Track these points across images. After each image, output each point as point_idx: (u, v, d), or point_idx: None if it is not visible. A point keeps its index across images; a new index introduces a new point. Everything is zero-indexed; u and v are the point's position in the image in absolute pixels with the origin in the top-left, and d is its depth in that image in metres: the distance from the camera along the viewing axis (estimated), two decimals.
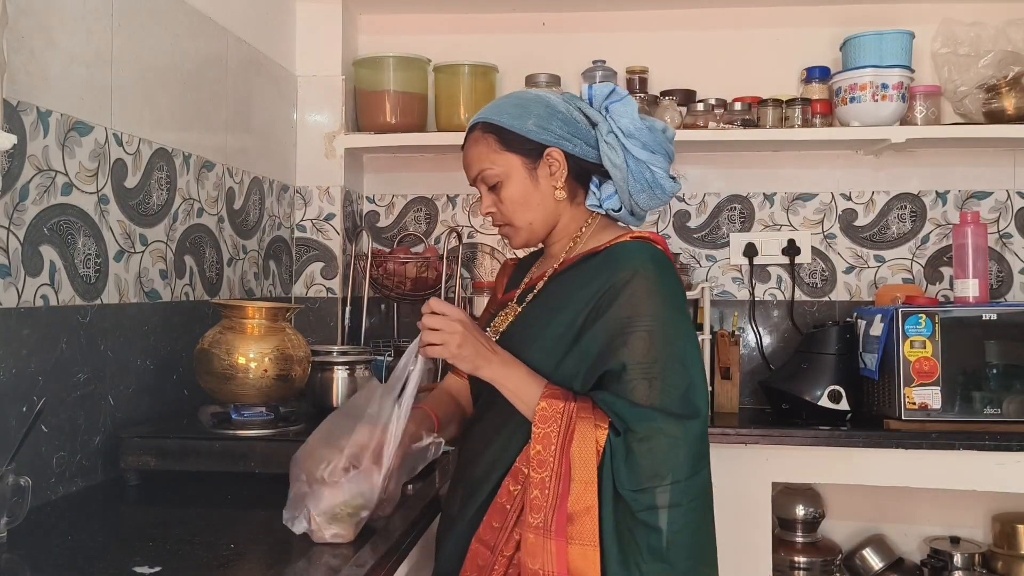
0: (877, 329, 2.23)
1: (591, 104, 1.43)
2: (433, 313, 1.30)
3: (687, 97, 2.60)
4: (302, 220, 2.56)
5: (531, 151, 1.39)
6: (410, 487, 1.50)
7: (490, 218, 1.45)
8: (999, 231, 2.64)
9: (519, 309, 1.44)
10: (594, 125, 1.41)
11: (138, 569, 1.08)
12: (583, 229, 1.45)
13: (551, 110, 1.40)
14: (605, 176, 1.43)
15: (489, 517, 1.30)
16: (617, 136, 1.38)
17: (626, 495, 1.23)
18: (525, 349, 1.35)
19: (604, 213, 1.46)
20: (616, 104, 1.39)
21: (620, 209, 1.44)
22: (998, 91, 2.46)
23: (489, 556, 1.28)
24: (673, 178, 1.42)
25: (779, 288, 2.70)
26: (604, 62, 2.65)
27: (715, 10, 2.70)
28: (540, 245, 1.51)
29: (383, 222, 2.84)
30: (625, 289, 1.30)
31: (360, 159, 2.78)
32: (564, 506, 1.22)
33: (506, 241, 1.48)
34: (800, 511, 2.51)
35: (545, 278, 1.44)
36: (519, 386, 1.30)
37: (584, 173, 1.43)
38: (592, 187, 1.45)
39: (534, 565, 1.21)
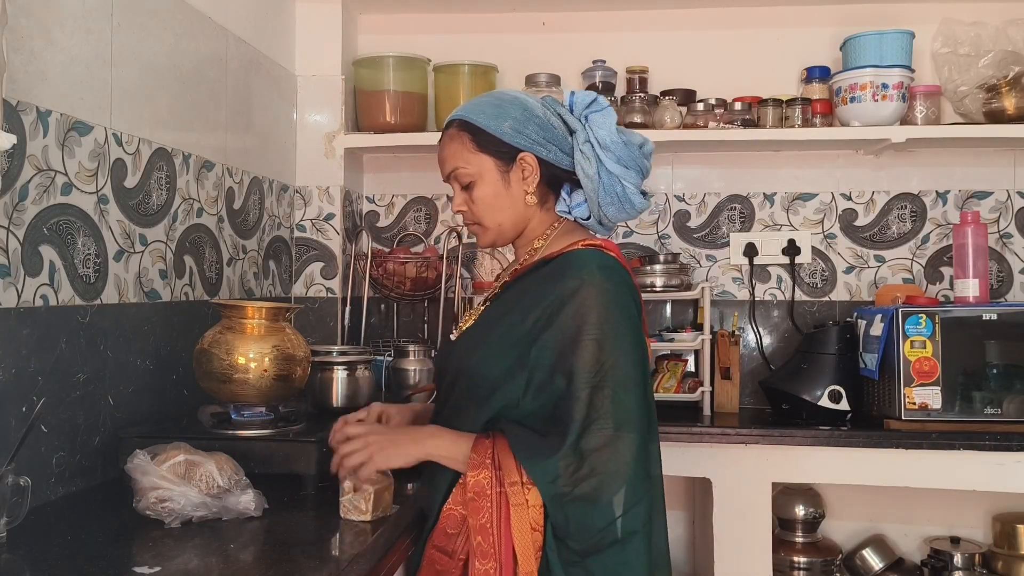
0: (877, 329, 2.23)
1: (571, 111, 1.41)
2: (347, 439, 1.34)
3: (687, 97, 2.60)
4: (302, 220, 2.56)
5: (505, 154, 1.39)
6: (409, 486, 1.51)
7: (460, 216, 1.46)
8: (999, 231, 2.64)
9: (481, 310, 1.45)
10: (572, 132, 1.40)
11: (138, 569, 1.08)
12: (547, 233, 1.44)
13: (528, 114, 1.38)
14: (577, 184, 1.42)
15: (443, 523, 1.32)
16: (593, 147, 1.37)
17: (581, 548, 1.24)
18: (472, 352, 1.38)
19: (573, 219, 1.46)
20: (596, 114, 1.38)
21: (588, 218, 1.44)
22: (998, 91, 2.46)
23: (448, 561, 1.30)
24: (644, 193, 1.42)
25: (779, 288, 2.70)
26: (604, 62, 2.65)
27: (715, 10, 2.70)
28: (510, 246, 1.51)
29: (383, 222, 2.84)
30: (573, 299, 1.29)
31: (360, 159, 2.78)
32: None
33: (474, 238, 1.49)
34: (800, 511, 2.51)
35: (506, 280, 1.46)
36: (449, 452, 1.31)
37: (556, 179, 1.42)
38: (563, 193, 1.44)
39: None
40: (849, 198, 2.69)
